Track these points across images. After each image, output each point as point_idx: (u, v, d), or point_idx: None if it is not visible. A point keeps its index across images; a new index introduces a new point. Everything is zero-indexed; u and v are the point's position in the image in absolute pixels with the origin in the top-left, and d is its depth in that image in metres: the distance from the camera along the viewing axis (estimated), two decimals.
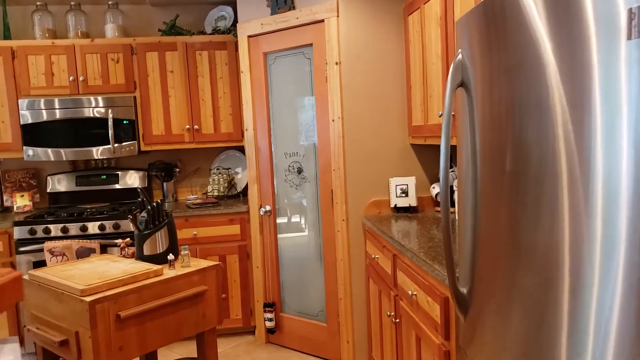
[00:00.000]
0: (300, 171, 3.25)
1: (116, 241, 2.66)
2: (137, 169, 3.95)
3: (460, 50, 1.53)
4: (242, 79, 3.40)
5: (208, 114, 3.72)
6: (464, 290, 1.53)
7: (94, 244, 3.35)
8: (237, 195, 3.93)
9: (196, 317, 2.23)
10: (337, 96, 2.93)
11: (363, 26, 2.91)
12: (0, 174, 3.84)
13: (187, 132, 3.71)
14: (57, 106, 3.51)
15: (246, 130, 3.44)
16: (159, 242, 2.34)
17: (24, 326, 3.34)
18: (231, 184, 3.94)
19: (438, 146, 2.98)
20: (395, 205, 2.96)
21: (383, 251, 2.52)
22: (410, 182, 2.95)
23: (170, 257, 2.25)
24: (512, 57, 1.17)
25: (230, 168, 3.99)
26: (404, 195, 2.95)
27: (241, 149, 4.01)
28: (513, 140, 1.18)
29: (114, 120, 3.56)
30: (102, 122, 3.56)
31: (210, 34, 3.78)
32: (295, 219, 3.30)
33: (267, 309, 3.41)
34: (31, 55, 3.52)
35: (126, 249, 2.52)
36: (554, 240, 1.04)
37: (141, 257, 2.33)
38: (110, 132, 3.54)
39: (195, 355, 3.34)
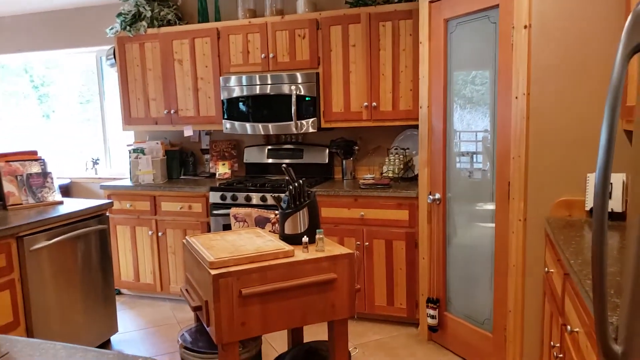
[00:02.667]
0: (475, 157, 2.81)
1: (269, 215, 2.71)
2: (319, 145, 4.00)
3: None
4: (420, 51, 3.08)
5: (387, 89, 3.51)
6: (618, 348, 1.05)
7: (270, 214, 3.53)
8: (413, 178, 3.66)
9: (324, 305, 2.11)
10: (523, 67, 2.40)
11: None
12: (209, 144, 4.33)
13: (365, 110, 3.57)
14: (248, 82, 3.75)
15: (420, 107, 3.13)
16: (299, 222, 2.28)
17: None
18: (408, 165, 3.68)
19: None
20: (592, 208, 2.31)
21: (557, 266, 1.99)
22: (617, 180, 2.26)
23: (305, 239, 2.17)
24: None
25: (408, 148, 3.73)
26: None
27: None
28: None
29: (297, 96, 3.63)
30: (286, 98, 3.67)
31: (397, 2, 3.53)
32: (467, 211, 2.89)
33: (430, 304, 3.11)
34: (232, 35, 3.82)
35: (276, 225, 2.54)
36: None
37: (282, 235, 2.31)
38: (293, 108, 3.63)
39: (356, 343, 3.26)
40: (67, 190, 4.70)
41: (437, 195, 3.05)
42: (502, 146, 2.58)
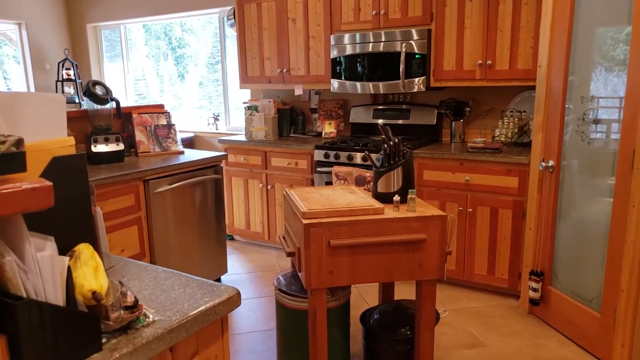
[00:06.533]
0: (597, 122, 2.55)
1: (366, 174, 2.74)
2: (428, 106, 3.90)
3: None
4: (543, 3, 2.82)
5: (505, 47, 3.29)
6: None
7: (369, 174, 3.56)
8: (527, 144, 3.43)
9: (412, 264, 2.12)
10: None
11: None
12: (318, 103, 4.43)
13: (478, 68, 3.39)
14: (357, 40, 3.73)
15: (539, 66, 2.89)
16: (392, 181, 2.29)
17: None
18: (523, 129, 3.45)
19: None
20: None
21: None
22: None
23: (396, 198, 2.17)
24: None
25: (525, 111, 3.48)
26: None
27: None
28: None
29: (407, 54, 3.55)
30: (395, 56, 3.61)
31: None
32: (583, 181, 2.66)
33: (533, 277, 2.96)
34: None
35: (371, 183, 2.57)
36: None
37: (375, 193, 2.34)
38: (402, 66, 3.56)
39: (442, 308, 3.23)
40: (191, 143, 5.15)
41: (551, 163, 2.84)
42: (630, 110, 2.31)
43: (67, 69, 5.88)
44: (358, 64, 3.77)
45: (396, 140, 2.27)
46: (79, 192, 1.10)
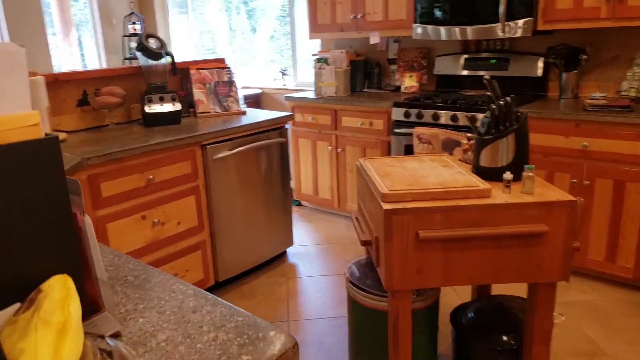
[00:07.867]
0: None
1: (463, 140, 2.22)
2: (531, 54, 3.23)
3: None
4: None
5: None
6: None
7: (462, 138, 3.01)
8: None
9: (526, 263, 1.62)
10: None
11: None
12: (397, 53, 3.86)
13: (604, 4, 2.68)
14: None
15: None
16: (502, 152, 1.77)
17: None
18: None
19: None
20: None
21: None
22: None
23: (508, 176, 1.66)
24: None
25: None
26: None
27: None
28: None
29: None
30: None
31: None
32: None
33: None
34: None
35: (469, 153, 2.06)
36: None
37: (477, 167, 1.83)
38: (502, 7, 2.91)
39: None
40: (257, 100, 4.78)
41: None
42: None
43: (134, 23, 5.63)
44: (446, 5, 3.15)
45: (508, 99, 1.73)
46: (49, 197, 0.72)
